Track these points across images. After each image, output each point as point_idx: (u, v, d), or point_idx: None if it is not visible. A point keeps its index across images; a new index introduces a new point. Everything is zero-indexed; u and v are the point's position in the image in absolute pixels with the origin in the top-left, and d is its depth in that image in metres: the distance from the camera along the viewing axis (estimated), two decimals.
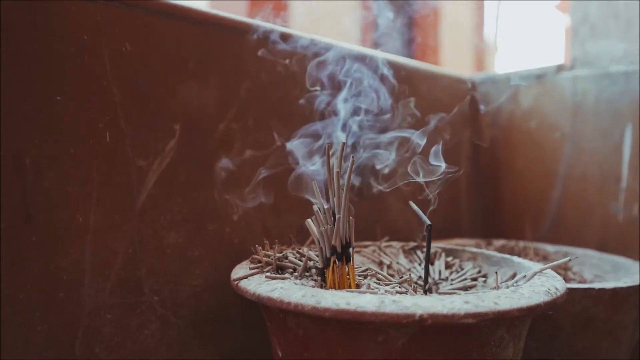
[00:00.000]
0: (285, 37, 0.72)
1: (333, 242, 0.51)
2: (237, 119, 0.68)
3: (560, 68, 1.05)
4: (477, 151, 1.17)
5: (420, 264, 0.68)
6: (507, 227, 1.12)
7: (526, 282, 0.51)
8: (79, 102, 0.54)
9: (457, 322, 0.40)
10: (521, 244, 0.91)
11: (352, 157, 0.51)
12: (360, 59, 0.81)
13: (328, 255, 0.52)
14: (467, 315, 0.40)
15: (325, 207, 0.53)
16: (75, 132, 0.54)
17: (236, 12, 0.70)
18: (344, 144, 0.52)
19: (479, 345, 0.45)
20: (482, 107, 1.15)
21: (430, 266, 0.62)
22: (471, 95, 1.15)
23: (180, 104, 0.62)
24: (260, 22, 0.70)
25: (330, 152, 0.53)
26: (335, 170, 0.51)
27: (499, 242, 0.93)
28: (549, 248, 0.91)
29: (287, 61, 0.73)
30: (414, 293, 0.53)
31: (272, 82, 0.72)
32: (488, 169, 1.17)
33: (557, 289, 0.47)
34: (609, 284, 0.62)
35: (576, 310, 0.62)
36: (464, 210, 1.13)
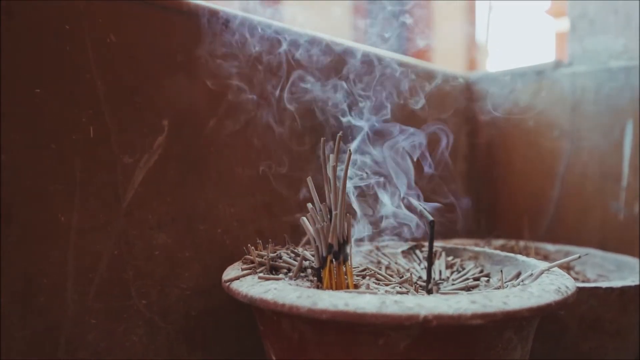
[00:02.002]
0: (278, 31, 0.70)
1: (330, 240, 0.48)
2: (228, 115, 0.65)
3: (558, 64, 1.03)
4: (474, 150, 1.15)
5: (419, 264, 0.65)
6: (506, 227, 1.10)
7: (533, 280, 0.49)
8: (61, 95, 0.51)
9: (464, 323, 0.38)
10: (521, 243, 0.89)
11: (350, 150, 0.49)
12: (353, 53, 0.79)
13: (324, 254, 0.49)
14: (475, 316, 0.38)
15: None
16: (57, 127, 0.51)
17: (228, 5, 0.67)
18: (340, 136, 0.49)
19: (486, 347, 0.42)
20: (478, 105, 1.13)
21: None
22: (468, 93, 1.13)
23: (168, 99, 0.60)
24: (252, 16, 0.68)
25: (326, 146, 0.51)
26: (331, 164, 0.48)
27: (499, 242, 0.90)
28: (550, 247, 0.88)
29: (280, 56, 0.70)
30: (416, 293, 0.51)
31: (265, 77, 0.69)
32: (485, 169, 1.15)
33: (567, 287, 0.45)
34: (617, 283, 0.60)
35: (582, 310, 0.60)
36: (462, 210, 1.11)
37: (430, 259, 0.51)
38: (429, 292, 0.52)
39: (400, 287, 0.51)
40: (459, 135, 1.11)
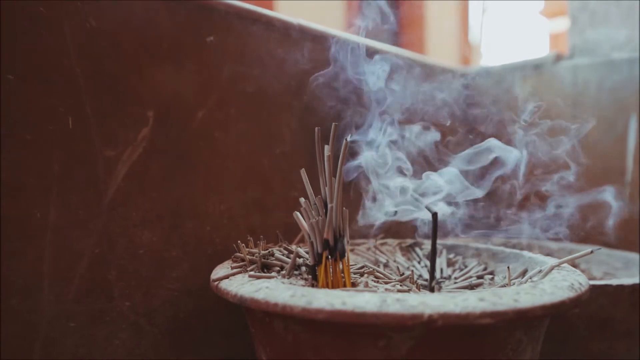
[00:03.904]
0: (270, 20, 0.67)
1: (325, 235, 0.45)
2: (217, 106, 0.62)
3: (558, 57, 1.00)
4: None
5: (419, 262, 0.62)
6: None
7: (543, 277, 0.46)
8: (36, 83, 0.48)
9: (472, 322, 0.35)
10: (523, 241, 0.86)
11: (346, 139, 0.46)
12: (346, 43, 0.76)
13: (320, 250, 0.46)
14: (484, 315, 0.35)
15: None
16: (32, 116, 0.47)
17: None
18: (336, 125, 0.46)
19: (495, 349, 0.39)
20: (476, 100, 1.10)
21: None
22: (465, 88, 1.10)
23: (153, 89, 0.56)
24: (243, 3, 0.65)
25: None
26: (326, 154, 0.45)
27: (499, 240, 0.87)
28: (552, 245, 0.85)
29: (271, 46, 0.67)
30: (418, 291, 0.47)
31: (256, 68, 0.66)
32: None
33: (580, 283, 0.41)
34: (627, 281, 0.57)
35: (592, 309, 0.57)
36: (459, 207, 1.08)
37: (434, 253, 0.48)
38: (432, 290, 0.49)
39: (401, 286, 0.48)
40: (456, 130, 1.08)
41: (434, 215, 0.47)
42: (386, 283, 0.49)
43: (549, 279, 0.42)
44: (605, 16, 0.96)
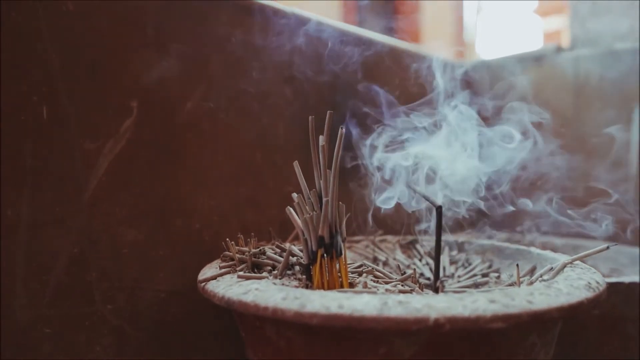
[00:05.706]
0: (261, 8, 0.63)
1: (320, 232, 0.42)
2: (206, 97, 0.58)
3: (559, 49, 0.98)
4: None
5: (420, 260, 0.59)
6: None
7: (554, 276, 0.42)
8: (6, 68, 0.44)
9: (483, 326, 0.31)
10: (527, 237, 0.83)
11: (342, 129, 0.42)
12: (343, 36, 0.73)
13: (314, 248, 0.42)
14: (496, 318, 0.31)
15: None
16: (2, 105, 0.44)
17: None
18: (331, 113, 0.43)
19: (506, 355, 0.36)
20: (476, 93, 1.07)
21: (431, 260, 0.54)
22: (464, 81, 1.07)
23: (137, 78, 0.53)
24: None
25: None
26: (321, 144, 0.42)
27: (502, 236, 0.84)
28: (557, 241, 0.82)
29: (263, 34, 0.64)
30: (421, 292, 0.44)
31: (247, 56, 0.62)
32: None
33: (598, 282, 0.38)
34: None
35: (603, 308, 0.54)
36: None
37: (439, 250, 0.45)
38: (437, 290, 0.46)
39: (402, 286, 0.45)
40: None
41: (438, 208, 0.43)
42: (386, 283, 0.45)
43: (564, 278, 0.39)
44: (607, 6, 0.93)
